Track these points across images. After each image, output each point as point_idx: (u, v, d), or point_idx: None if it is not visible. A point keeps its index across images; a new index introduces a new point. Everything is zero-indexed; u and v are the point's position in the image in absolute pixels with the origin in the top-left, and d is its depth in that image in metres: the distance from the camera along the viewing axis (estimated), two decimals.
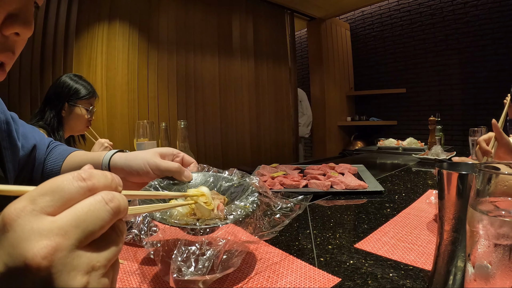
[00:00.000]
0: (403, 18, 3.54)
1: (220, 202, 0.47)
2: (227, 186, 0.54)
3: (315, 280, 0.47)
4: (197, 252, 0.40)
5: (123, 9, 2.32)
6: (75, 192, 0.19)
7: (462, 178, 0.36)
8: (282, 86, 3.53)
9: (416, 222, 0.71)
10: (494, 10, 2.86)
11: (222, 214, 0.45)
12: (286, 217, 0.52)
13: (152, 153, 0.53)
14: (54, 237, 0.17)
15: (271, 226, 0.50)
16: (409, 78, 3.56)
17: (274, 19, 3.43)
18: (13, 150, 0.55)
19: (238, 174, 0.56)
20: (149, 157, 0.52)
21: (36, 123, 1.30)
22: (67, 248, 0.17)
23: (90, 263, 0.18)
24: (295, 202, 0.55)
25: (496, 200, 0.30)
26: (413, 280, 0.46)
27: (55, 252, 0.17)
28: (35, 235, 0.17)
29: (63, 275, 0.17)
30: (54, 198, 0.18)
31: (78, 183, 0.19)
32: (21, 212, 0.17)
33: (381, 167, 1.72)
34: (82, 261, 0.18)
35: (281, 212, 0.53)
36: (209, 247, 0.41)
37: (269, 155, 3.30)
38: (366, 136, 3.94)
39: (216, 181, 0.55)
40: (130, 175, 0.53)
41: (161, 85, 2.55)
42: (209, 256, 0.40)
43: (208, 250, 0.41)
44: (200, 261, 0.39)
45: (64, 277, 0.17)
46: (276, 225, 0.51)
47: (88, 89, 1.39)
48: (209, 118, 2.86)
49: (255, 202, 0.48)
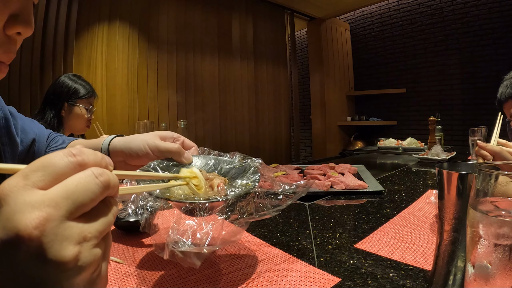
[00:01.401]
0: (403, 18, 3.54)
1: (220, 182, 0.46)
2: (228, 169, 0.53)
3: (315, 280, 0.47)
4: (195, 226, 0.39)
5: (123, 9, 2.32)
6: (65, 167, 0.20)
7: (462, 178, 0.36)
8: (282, 86, 3.53)
9: (416, 222, 0.71)
10: (494, 10, 2.86)
11: (222, 192, 0.44)
12: (289, 198, 0.49)
13: (152, 135, 0.53)
14: (45, 208, 0.17)
15: (273, 206, 0.48)
16: (409, 78, 3.56)
17: (274, 19, 3.43)
18: (12, 146, 0.55)
19: (239, 156, 0.54)
20: (148, 138, 0.52)
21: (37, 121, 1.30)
22: (58, 218, 0.18)
23: (82, 234, 0.19)
24: (298, 184, 0.52)
25: (496, 200, 0.30)
26: (413, 280, 0.46)
27: (47, 222, 0.17)
28: (27, 207, 0.17)
29: (55, 245, 0.17)
30: (45, 173, 0.19)
31: (68, 159, 0.20)
32: (14, 187, 0.18)
33: (381, 167, 1.72)
34: (73, 232, 0.18)
35: (284, 193, 0.50)
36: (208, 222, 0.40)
37: (268, 155, 3.30)
38: (366, 136, 3.94)
39: (217, 164, 0.54)
40: (130, 158, 0.52)
41: (161, 85, 2.55)
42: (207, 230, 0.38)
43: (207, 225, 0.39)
44: (198, 235, 0.38)
45: (56, 247, 0.17)
46: (277, 206, 0.48)
47: (87, 89, 1.39)
48: (209, 118, 2.86)
49: (256, 181, 0.47)
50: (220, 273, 0.51)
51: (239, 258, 0.55)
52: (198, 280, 0.48)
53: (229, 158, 0.54)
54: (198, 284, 0.47)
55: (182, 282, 0.48)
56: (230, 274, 0.50)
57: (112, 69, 2.27)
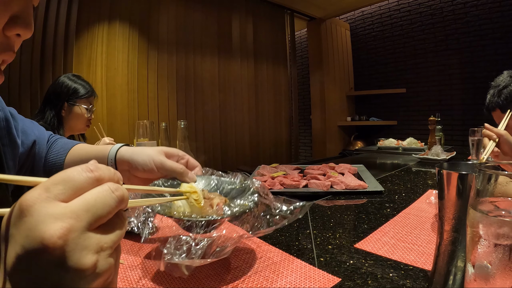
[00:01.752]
0: (403, 18, 3.54)
1: (220, 201, 0.48)
2: (229, 189, 0.56)
3: (315, 280, 0.47)
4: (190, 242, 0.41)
5: (123, 9, 2.32)
6: (84, 181, 0.21)
7: (462, 178, 0.36)
8: (282, 86, 3.53)
9: (416, 222, 0.71)
10: (494, 10, 2.86)
11: (220, 211, 0.47)
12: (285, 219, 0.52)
13: (158, 151, 0.54)
14: (68, 220, 0.19)
15: (269, 225, 0.50)
16: (409, 78, 3.56)
17: (274, 19, 3.43)
18: (13, 148, 0.55)
19: (241, 177, 0.58)
20: (154, 154, 0.53)
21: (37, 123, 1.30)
22: (79, 229, 0.19)
23: (99, 244, 0.20)
24: (296, 206, 0.55)
25: (496, 200, 0.30)
26: (413, 280, 0.46)
27: (69, 232, 0.19)
28: (51, 218, 0.19)
29: (76, 253, 0.19)
30: (65, 187, 0.20)
31: (87, 174, 0.22)
32: (37, 199, 0.19)
33: (381, 167, 1.72)
34: (92, 242, 0.20)
35: (281, 214, 0.53)
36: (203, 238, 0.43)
37: (268, 154, 3.30)
38: (366, 136, 3.94)
39: (220, 184, 0.57)
40: (135, 170, 0.54)
41: (161, 85, 2.55)
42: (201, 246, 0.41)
43: (201, 241, 0.42)
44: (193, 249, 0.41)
45: (77, 255, 0.19)
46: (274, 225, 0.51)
47: (86, 89, 1.40)
48: (209, 118, 2.86)
49: (253, 201, 0.50)
50: (219, 272, 0.51)
51: (238, 258, 0.55)
52: (198, 280, 0.48)
53: (230, 179, 0.58)
54: (198, 283, 0.47)
55: (182, 282, 0.48)
56: (229, 274, 0.50)
57: (112, 69, 2.27)
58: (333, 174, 1.17)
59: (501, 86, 1.16)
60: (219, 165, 2.82)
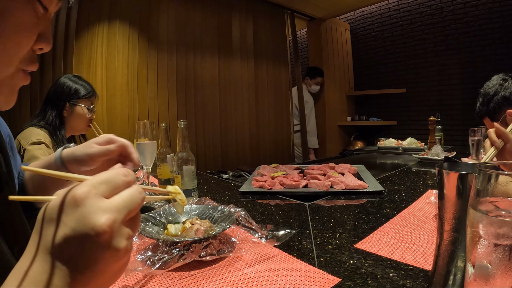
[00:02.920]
0: (403, 18, 3.54)
1: (200, 227, 0.60)
2: (217, 217, 0.68)
3: (315, 280, 0.47)
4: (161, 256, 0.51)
5: (123, 9, 2.32)
6: (121, 183, 0.28)
7: (462, 178, 0.36)
8: (282, 86, 3.52)
9: (416, 222, 0.71)
10: (494, 10, 2.86)
11: (199, 234, 0.58)
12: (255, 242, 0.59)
13: (88, 143, 0.58)
14: (113, 213, 0.25)
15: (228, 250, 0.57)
16: (409, 78, 3.56)
17: (274, 19, 3.43)
18: (15, 161, 0.60)
19: (232, 208, 0.68)
20: (86, 144, 0.58)
21: (38, 123, 1.30)
22: (120, 220, 0.26)
23: (129, 232, 0.27)
24: (275, 235, 0.62)
25: (496, 200, 0.30)
26: (413, 280, 0.46)
27: (114, 223, 0.25)
28: (101, 211, 0.25)
29: (116, 239, 0.25)
30: (108, 186, 0.27)
31: (123, 178, 0.28)
32: (89, 194, 0.25)
33: (381, 167, 1.72)
34: (126, 231, 0.26)
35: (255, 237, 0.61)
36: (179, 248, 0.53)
37: (268, 154, 3.30)
38: (366, 136, 3.94)
39: (213, 212, 0.69)
40: (80, 164, 0.58)
41: (161, 85, 2.55)
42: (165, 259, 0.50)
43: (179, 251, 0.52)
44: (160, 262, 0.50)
45: (117, 240, 0.25)
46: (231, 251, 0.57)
47: (87, 89, 1.40)
48: (209, 118, 2.86)
49: (222, 228, 0.59)
50: (219, 272, 0.51)
51: (238, 258, 0.55)
52: (198, 280, 0.48)
53: (222, 208, 0.69)
54: (198, 284, 0.47)
55: (182, 281, 0.48)
56: (230, 274, 0.50)
57: (112, 69, 2.27)
58: (333, 174, 1.17)
59: (489, 95, 1.16)
60: (219, 165, 2.81)
